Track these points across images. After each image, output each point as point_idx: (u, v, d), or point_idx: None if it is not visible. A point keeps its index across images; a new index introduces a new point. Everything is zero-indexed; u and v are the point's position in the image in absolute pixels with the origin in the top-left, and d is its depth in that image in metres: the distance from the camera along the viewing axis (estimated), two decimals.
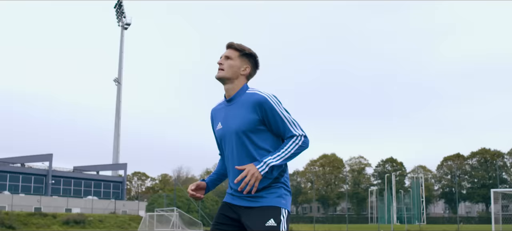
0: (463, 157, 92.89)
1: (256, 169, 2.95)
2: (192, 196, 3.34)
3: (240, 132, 3.09)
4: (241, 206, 3.13)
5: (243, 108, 3.12)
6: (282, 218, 3.00)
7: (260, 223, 3.00)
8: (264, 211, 3.02)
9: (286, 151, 3.02)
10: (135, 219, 58.46)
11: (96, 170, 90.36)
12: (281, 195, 3.08)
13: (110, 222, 55.37)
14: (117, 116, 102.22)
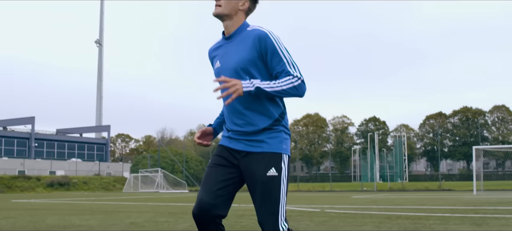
0: (445, 115, 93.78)
1: (240, 84, 2.79)
2: (199, 144, 3.20)
3: (239, 69, 2.95)
4: (239, 151, 3.01)
5: (243, 44, 2.97)
6: (283, 166, 2.94)
7: (261, 172, 2.91)
8: (264, 159, 2.92)
9: (278, 84, 2.87)
10: (119, 181, 58.60)
11: (79, 132, 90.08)
12: (282, 140, 2.99)
13: (95, 184, 55.44)
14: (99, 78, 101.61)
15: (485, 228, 8.45)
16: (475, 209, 13.87)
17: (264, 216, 2.90)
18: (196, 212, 2.95)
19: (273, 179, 2.90)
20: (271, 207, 2.88)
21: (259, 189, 2.92)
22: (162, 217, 12.09)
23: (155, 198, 27.76)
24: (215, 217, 2.96)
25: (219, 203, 2.96)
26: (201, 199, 2.95)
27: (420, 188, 43.69)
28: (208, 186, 2.98)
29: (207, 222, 2.96)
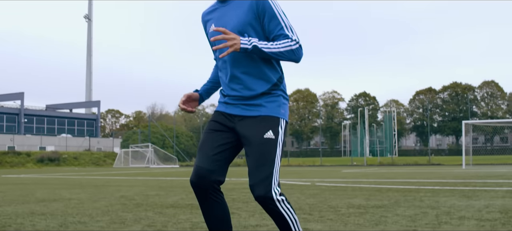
0: (435, 91, 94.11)
1: (239, 40, 2.70)
2: (183, 110, 3.10)
3: (236, 32, 2.83)
4: (236, 115, 2.93)
5: (239, 7, 2.87)
6: (280, 130, 2.86)
7: (258, 135, 2.83)
8: (261, 122, 2.85)
9: (276, 46, 2.78)
10: (110, 156, 58.51)
11: (69, 108, 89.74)
12: (280, 104, 2.91)
13: (85, 159, 55.35)
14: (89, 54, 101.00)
15: (475, 200, 8.48)
16: (465, 182, 13.94)
17: (257, 179, 2.78)
18: (195, 179, 2.89)
19: (269, 142, 2.82)
20: (265, 170, 2.78)
21: (254, 151, 2.84)
22: (152, 190, 12.07)
23: (146, 172, 27.75)
24: (214, 183, 2.89)
25: (216, 169, 2.89)
26: (199, 166, 2.89)
27: (409, 162, 43.92)
28: (205, 152, 2.92)
29: (205, 189, 2.89)
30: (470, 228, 5.34)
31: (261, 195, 2.76)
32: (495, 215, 6.49)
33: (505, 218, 6.11)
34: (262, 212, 7.07)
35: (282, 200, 2.81)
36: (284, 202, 2.82)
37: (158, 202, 8.92)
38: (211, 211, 2.94)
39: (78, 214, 7.14)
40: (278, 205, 2.79)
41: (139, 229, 5.62)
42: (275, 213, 2.82)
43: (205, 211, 2.95)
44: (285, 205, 2.83)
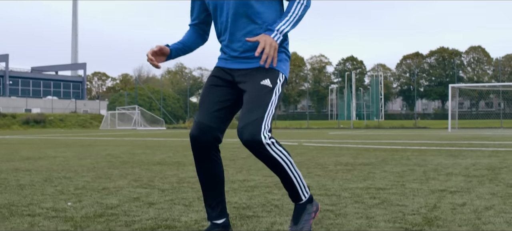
0: (422, 55, 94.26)
1: (272, 39, 2.62)
2: (149, 61, 2.93)
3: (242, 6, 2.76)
4: (236, 69, 2.85)
5: None
6: (278, 82, 2.77)
7: (255, 81, 2.75)
8: (260, 71, 2.77)
9: (294, 15, 2.74)
10: (96, 118, 58.24)
11: (54, 70, 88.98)
12: (282, 60, 2.83)
13: (71, 121, 55.06)
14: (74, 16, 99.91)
15: (462, 159, 8.50)
16: (451, 143, 14.00)
17: (246, 122, 2.67)
18: (196, 133, 2.79)
19: (265, 88, 2.73)
20: (256, 114, 2.67)
21: (248, 96, 2.75)
22: (139, 149, 12.01)
23: (133, 134, 27.66)
24: (214, 140, 2.81)
25: (217, 126, 2.81)
26: (200, 121, 2.80)
27: (395, 126, 44.12)
28: (205, 108, 2.83)
29: (205, 144, 2.81)
30: (457, 183, 5.34)
31: (249, 139, 2.64)
32: (482, 172, 6.49)
33: (492, 175, 6.11)
34: (249, 168, 7.04)
35: (272, 143, 2.68)
36: (274, 145, 2.69)
37: (144, 160, 8.86)
38: (207, 168, 2.87)
39: (63, 170, 7.06)
40: (268, 149, 2.66)
41: (125, 183, 5.56)
42: (267, 157, 2.70)
43: (201, 167, 2.88)
44: (276, 147, 2.70)
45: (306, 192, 2.89)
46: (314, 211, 2.94)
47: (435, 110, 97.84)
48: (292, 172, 2.79)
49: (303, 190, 2.88)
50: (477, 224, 3.28)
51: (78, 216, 3.63)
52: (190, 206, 4.05)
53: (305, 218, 2.87)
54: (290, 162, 2.77)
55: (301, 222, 2.86)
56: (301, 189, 2.87)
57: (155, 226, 3.29)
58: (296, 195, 2.87)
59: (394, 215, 3.60)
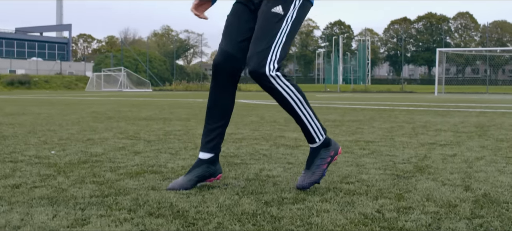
0: (410, 20, 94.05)
1: None
2: (196, 16, 2.87)
3: None
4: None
5: None
6: (292, 8, 2.64)
7: (266, 9, 2.64)
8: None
9: None
10: (82, 80, 57.78)
11: (39, 31, 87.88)
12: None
13: (56, 83, 54.60)
14: None
15: (449, 118, 8.48)
16: (438, 104, 14.01)
17: (252, 52, 2.59)
18: (220, 60, 2.71)
19: (275, 16, 2.61)
20: (263, 44, 2.58)
21: (258, 24, 2.65)
22: (125, 107, 11.89)
23: (119, 95, 27.45)
24: (237, 71, 2.75)
25: (241, 56, 2.72)
26: (224, 50, 2.72)
27: (382, 90, 44.20)
28: (230, 37, 2.73)
29: (228, 74, 2.74)
30: (447, 138, 5.30)
31: (252, 69, 2.57)
32: (470, 128, 6.47)
33: (481, 131, 6.08)
34: (237, 124, 6.98)
35: (277, 76, 2.59)
36: (279, 78, 2.60)
37: (130, 116, 8.76)
38: (219, 96, 2.77)
39: (48, 124, 6.95)
40: (272, 81, 2.58)
41: (110, 135, 5.46)
42: (272, 90, 2.62)
43: (214, 93, 2.78)
44: (282, 81, 2.61)
45: (320, 134, 2.73)
46: (331, 155, 2.74)
47: (421, 75, 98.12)
48: (301, 110, 2.67)
49: (316, 132, 2.72)
50: (469, 172, 3.23)
51: (62, 163, 3.54)
52: (176, 155, 3.98)
53: (317, 163, 2.71)
54: (298, 99, 2.64)
55: (312, 167, 2.71)
56: (314, 130, 2.72)
57: (141, 171, 3.21)
58: (309, 136, 2.74)
59: (384, 164, 3.55)
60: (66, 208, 2.24)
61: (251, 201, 2.39)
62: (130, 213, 2.15)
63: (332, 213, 2.16)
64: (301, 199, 2.44)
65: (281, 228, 1.94)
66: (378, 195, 2.54)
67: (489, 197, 2.49)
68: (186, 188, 2.69)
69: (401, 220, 2.05)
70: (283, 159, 3.76)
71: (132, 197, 2.47)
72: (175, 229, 1.92)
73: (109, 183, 2.81)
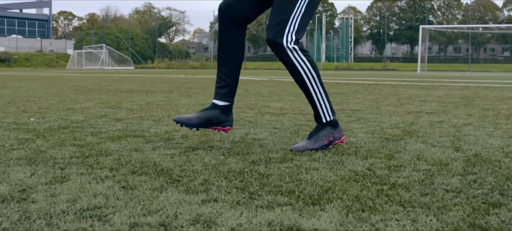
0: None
1: None
2: None
3: None
4: None
5: None
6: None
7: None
8: None
9: None
10: (63, 57, 57.17)
11: (19, 8, 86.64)
12: None
13: (37, 60, 53.98)
14: None
15: (434, 91, 8.46)
16: (422, 80, 14.02)
17: (272, 22, 2.59)
18: (223, 8, 2.67)
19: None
20: (281, 15, 2.56)
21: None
22: (106, 82, 11.73)
23: (100, 71, 27.17)
24: (242, 21, 2.70)
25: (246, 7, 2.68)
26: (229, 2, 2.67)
27: (365, 67, 44.24)
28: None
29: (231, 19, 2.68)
30: (433, 107, 5.26)
31: (271, 38, 2.56)
32: (456, 100, 6.44)
33: (467, 102, 6.06)
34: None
35: (294, 49, 2.56)
36: (296, 51, 2.57)
37: (112, 89, 8.63)
38: (227, 43, 2.71)
39: (28, 96, 6.81)
40: (288, 53, 2.56)
41: (91, 105, 5.35)
42: (287, 62, 2.59)
43: (222, 40, 2.72)
44: (298, 55, 2.58)
45: (328, 114, 2.67)
46: (335, 136, 2.66)
47: (404, 54, 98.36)
48: (313, 86, 2.63)
49: (324, 112, 2.67)
50: (458, 135, 3.19)
51: (41, 128, 3.44)
52: (159, 121, 3.89)
53: (321, 136, 2.63)
54: (312, 76, 2.62)
55: (314, 137, 2.64)
56: (323, 109, 2.68)
57: (123, 135, 3.12)
58: (317, 114, 2.69)
59: (372, 128, 3.49)
60: (45, 167, 2.15)
61: (237, 161, 2.32)
62: (111, 172, 2.06)
63: (322, 171, 2.09)
64: (289, 158, 2.37)
65: (269, 184, 1.87)
66: (367, 155, 2.48)
67: (481, 157, 2.44)
68: (191, 123, 2.64)
69: (393, 177, 1.99)
70: (268, 125, 3.69)
71: (114, 157, 2.39)
72: (159, 185, 1.84)
73: (90, 146, 2.72)
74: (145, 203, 1.60)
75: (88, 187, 1.81)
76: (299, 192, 1.74)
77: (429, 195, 1.71)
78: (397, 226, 1.39)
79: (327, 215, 1.49)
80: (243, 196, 1.70)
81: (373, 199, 1.67)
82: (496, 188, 1.83)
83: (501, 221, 1.44)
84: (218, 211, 1.52)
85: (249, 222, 1.42)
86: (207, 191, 1.76)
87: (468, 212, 1.52)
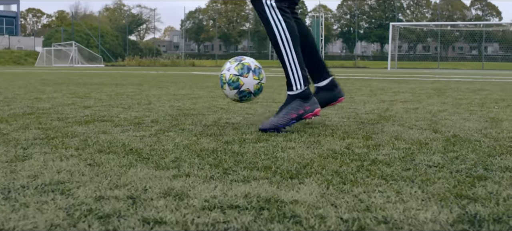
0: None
1: None
2: None
3: None
4: None
5: None
6: None
7: None
8: None
9: None
10: (31, 55, 56.27)
11: None
12: None
13: (5, 58, 53.04)
14: None
15: (406, 84, 8.46)
16: (393, 75, 14.07)
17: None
18: None
19: None
20: None
21: None
22: (75, 76, 11.52)
23: (70, 69, 26.78)
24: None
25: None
26: None
27: (336, 65, 44.43)
28: None
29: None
30: (406, 97, 5.22)
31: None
32: (428, 91, 6.43)
33: (439, 93, 6.04)
34: (192, 87, 6.78)
35: (272, 6, 2.52)
36: (274, 9, 2.52)
37: (81, 82, 8.45)
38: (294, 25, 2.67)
39: None
40: (265, 9, 2.52)
41: (59, 95, 5.19)
42: (263, 19, 2.56)
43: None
44: (275, 13, 2.53)
45: (299, 83, 2.57)
46: (305, 109, 2.53)
47: (374, 52, 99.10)
48: (285, 49, 2.55)
49: (295, 79, 2.58)
50: (434, 120, 3.14)
51: (5, 115, 3.29)
52: (129, 109, 3.77)
53: (287, 110, 2.53)
54: (286, 38, 2.54)
55: (282, 111, 2.55)
56: (294, 76, 2.58)
57: (91, 120, 3.00)
58: (288, 81, 2.60)
59: (347, 114, 3.43)
60: (6, 147, 2.04)
61: (210, 141, 2.22)
62: (77, 151, 1.95)
63: (299, 150, 2.01)
64: (264, 139, 2.28)
65: (244, 161, 1.78)
66: (345, 136, 2.40)
67: (460, 137, 2.39)
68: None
69: (372, 154, 1.92)
70: (242, 111, 3.60)
71: (80, 139, 2.28)
72: (127, 162, 1.74)
73: (56, 129, 2.60)
74: (112, 178, 1.50)
75: (51, 164, 1.70)
76: (276, 168, 1.66)
77: (412, 170, 1.65)
78: (381, 197, 1.32)
79: (307, 188, 1.41)
80: (217, 171, 1.61)
81: (353, 173, 1.59)
82: (479, 163, 1.77)
83: (488, 192, 1.38)
84: (191, 185, 1.43)
85: (224, 195, 1.33)
86: (179, 167, 1.66)
87: (453, 184, 1.46)
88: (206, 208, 1.22)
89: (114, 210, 1.20)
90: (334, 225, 1.11)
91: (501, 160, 1.82)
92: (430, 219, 1.15)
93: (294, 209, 1.21)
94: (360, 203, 1.27)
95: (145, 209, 1.21)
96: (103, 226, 1.09)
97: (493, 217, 1.17)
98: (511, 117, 3.30)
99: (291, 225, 1.11)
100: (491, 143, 2.23)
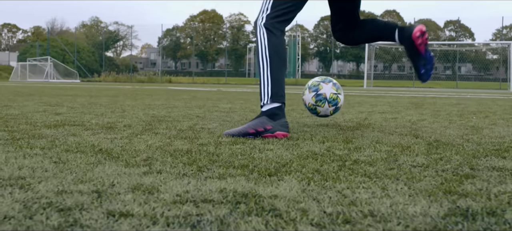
0: None
1: None
2: None
3: None
4: None
5: None
6: None
7: None
8: None
9: None
10: (5, 70, 55.68)
11: None
12: None
13: None
14: None
15: (382, 99, 8.44)
16: (369, 92, 14.09)
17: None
18: None
19: None
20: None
21: None
22: (50, 89, 11.33)
23: (45, 83, 26.44)
24: None
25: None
26: None
27: None
28: None
29: None
30: (384, 108, 5.17)
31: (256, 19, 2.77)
32: (406, 104, 6.40)
33: (417, 106, 6.02)
34: (168, 99, 6.67)
35: (261, 26, 2.69)
36: (262, 29, 2.68)
37: (54, 93, 8.29)
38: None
39: None
40: (257, 29, 2.71)
41: (31, 104, 5.05)
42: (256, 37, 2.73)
43: None
44: (262, 33, 2.68)
45: (268, 99, 2.51)
46: (267, 128, 2.39)
47: (349, 71, 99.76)
48: (262, 64, 2.64)
49: (264, 94, 2.54)
50: (415, 127, 3.07)
51: None
52: (102, 116, 3.65)
53: (252, 123, 2.43)
54: (265, 54, 2.64)
55: (244, 125, 2.47)
56: (264, 91, 2.56)
57: (61, 124, 2.88)
58: (261, 94, 2.58)
59: (326, 122, 3.36)
60: None
61: (184, 143, 2.13)
62: (43, 150, 1.85)
63: (277, 151, 1.92)
64: (241, 142, 2.20)
65: (220, 160, 1.69)
66: (324, 140, 2.32)
67: (442, 142, 2.32)
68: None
69: (354, 155, 1.84)
70: (217, 119, 3.51)
71: (48, 140, 2.17)
72: (95, 160, 1.64)
73: (23, 131, 2.49)
74: (78, 174, 1.40)
75: (13, 161, 1.59)
76: (254, 166, 1.57)
77: (396, 169, 1.57)
78: (366, 193, 1.24)
79: (286, 184, 1.32)
80: (191, 169, 1.51)
81: (335, 172, 1.51)
82: (464, 164, 1.70)
83: (477, 189, 1.30)
84: (162, 181, 1.34)
85: (198, 190, 1.24)
86: (150, 165, 1.57)
87: (440, 182, 1.38)
88: (177, 202, 1.13)
89: (76, 203, 1.10)
90: (317, 218, 1.02)
91: (487, 161, 1.76)
92: (420, 213, 1.07)
93: (274, 203, 1.13)
94: (344, 198, 1.19)
95: (111, 202, 1.12)
96: (63, 218, 0.99)
97: (486, 210, 1.10)
98: (490, 126, 3.26)
99: (271, 218, 1.02)
100: (474, 146, 2.17)
